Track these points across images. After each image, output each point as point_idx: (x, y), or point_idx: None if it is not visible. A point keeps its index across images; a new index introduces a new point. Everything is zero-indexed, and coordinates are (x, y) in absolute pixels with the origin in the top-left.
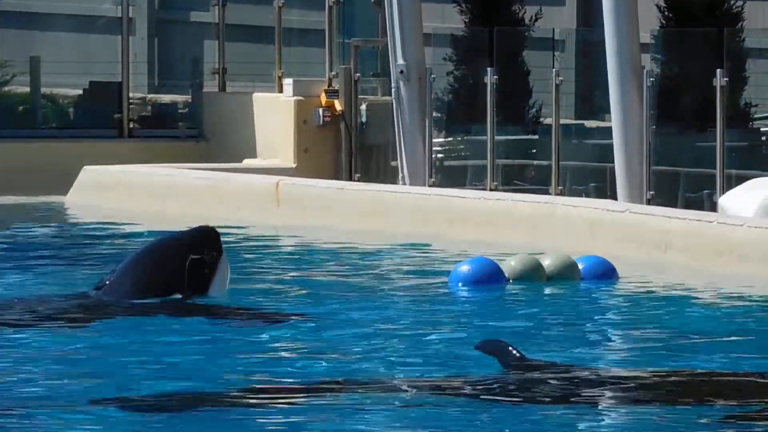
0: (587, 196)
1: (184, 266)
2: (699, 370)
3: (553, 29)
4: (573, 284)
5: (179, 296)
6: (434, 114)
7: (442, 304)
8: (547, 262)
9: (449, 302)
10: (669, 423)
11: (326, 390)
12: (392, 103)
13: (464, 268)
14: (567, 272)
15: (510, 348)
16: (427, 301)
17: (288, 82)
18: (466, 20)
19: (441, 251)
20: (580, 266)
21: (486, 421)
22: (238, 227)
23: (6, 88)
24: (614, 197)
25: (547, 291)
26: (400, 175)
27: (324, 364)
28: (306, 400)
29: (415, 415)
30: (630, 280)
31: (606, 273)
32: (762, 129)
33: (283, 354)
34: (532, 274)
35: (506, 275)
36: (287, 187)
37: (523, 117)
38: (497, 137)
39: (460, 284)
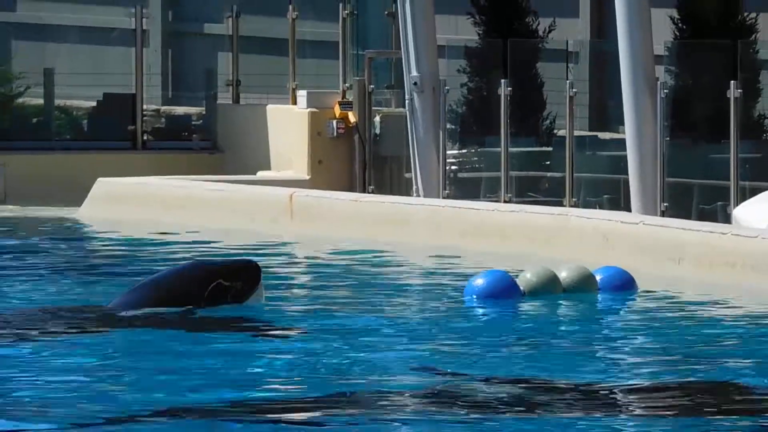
0: (601, 207)
1: (207, 287)
2: (714, 382)
3: (567, 41)
4: (589, 296)
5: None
6: (448, 126)
7: (456, 317)
8: (563, 275)
9: (464, 315)
10: None
11: (336, 402)
12: (406, 115)
13: (479, 281)
14: (584, 284)
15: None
16: (442, 314)
17: (302, 94)
18: (480, 32)
19: (455, 263)
20: (598, 277)
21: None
22: (251, 239)
23: (20, 100)
24: (628, 209)
25: (563, 303)
26: (414, 186)
27: (335, 375)
28: (316, 412)
29: (425, 427)
30: (645, 291)
31: (624, 284)
32: None
33: (294, 366)
34: (548, 286)
35: (522, 288)
36: (301, 199)
37: (537, 129)
38: (511, 149)
39: (474, 297)
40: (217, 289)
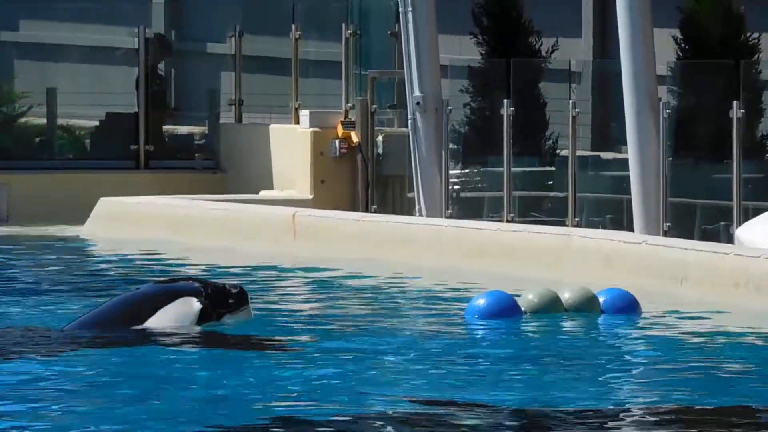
0: (604, 227)
1: (207, 283)
2: (719, 404)
3: (570, 61)
4: (591, 317)
5: (196, 303)
6: (451, 145)
7: (457, 337)
8: (566, 295)
9: (465, 336)
10: None
11: (333, 424)
12: (409, 135)
13: (480, 301)
14: (586, 305)
15: None
16: (443, 334)
17: (304, 114)
18: (483, 52)
19: (457, 283)
20: (602, 299)
21: None
22: (254, 258)
23: (23, 120)
24: (631, 229)
25: (564, 324)
26: (417, 206)
27: (332, 397)
28: None
29: None
30: (647, 312)
31: (628, 306)
32: None
33: (293, 386)
34: (550, 307)
35: (523, 308)
36: (303, 219)
37: (540, 148)
38: (514, 169)
39: (476, 317)
40: (217, 287)
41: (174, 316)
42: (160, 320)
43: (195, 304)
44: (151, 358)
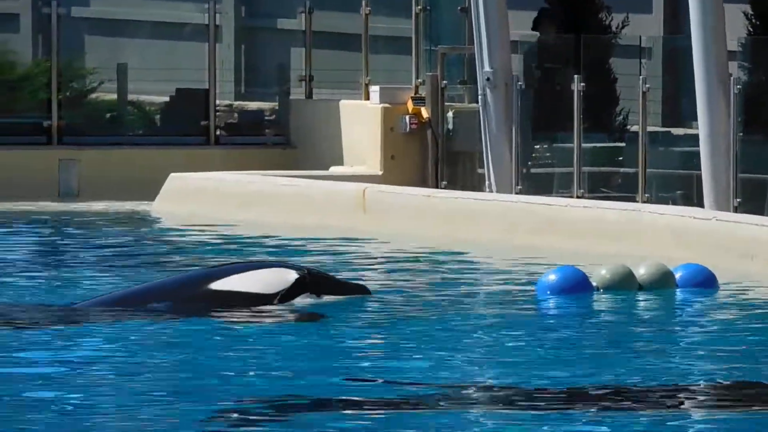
0: (674, 203)
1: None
2: None
3: (640, 36)
4: (666, 293)
5: (293, 273)
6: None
7: (528, 313)
8: (641, 271)
9: (536, 311)
10: None
11: (403, 398)
12: (479, 111)
13: (551, 276)
14: (662, 281)
15: None
16: (514, 310)
17: (375, 90)
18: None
19: (527, 259)
20: (678, 274)
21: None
22: (324, 234)
23: (93, 96)
24: (701, 205)
25: (638, 300)
26: (487, 182)
27: (400, 373)
28: (385, 406)
29: (494, 424)
30: (722, 289)
31: (705, 281)
32: None
33: (358, 361)
34: (624, 282)
35: (596, 284)
36: (374, 194)
37: (610, 124)
38: (584, 144)
39: (547, 293)
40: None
41: (262, 281)
42: (244, 283)
43: (291, 274)
44: (207, 328)
